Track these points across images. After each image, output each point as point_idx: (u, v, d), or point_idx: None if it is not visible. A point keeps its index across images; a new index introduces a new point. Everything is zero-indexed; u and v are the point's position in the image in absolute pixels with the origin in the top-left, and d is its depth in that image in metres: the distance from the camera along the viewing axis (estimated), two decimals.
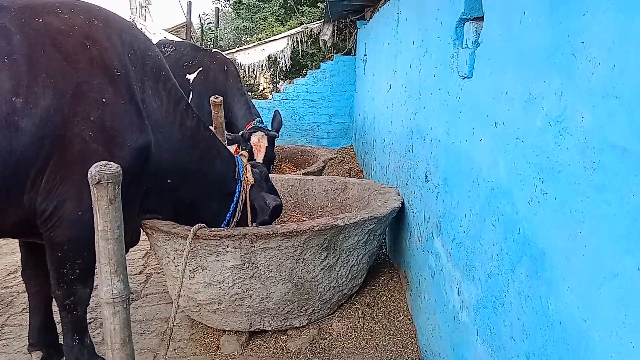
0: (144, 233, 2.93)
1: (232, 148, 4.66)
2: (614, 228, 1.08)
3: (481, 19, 2.16)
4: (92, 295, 2.58)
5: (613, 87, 1.11)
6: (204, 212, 2.96)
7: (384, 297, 3.50)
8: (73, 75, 2.22)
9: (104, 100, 2.28)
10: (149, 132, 2.47)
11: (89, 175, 1.75)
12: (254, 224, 3.08)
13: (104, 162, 1.79)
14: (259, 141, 5.00)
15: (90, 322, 3.31)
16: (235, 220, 3.02)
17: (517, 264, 1.61)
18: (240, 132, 5.15)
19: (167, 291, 3.62)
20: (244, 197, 3.04)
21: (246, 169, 3.05)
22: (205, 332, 3.21)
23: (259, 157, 4.94)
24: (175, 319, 2.42)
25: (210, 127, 3.10)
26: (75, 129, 2.20)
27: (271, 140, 5.10)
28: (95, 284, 2.48)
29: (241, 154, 3.18)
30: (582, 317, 1.19)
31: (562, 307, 1.30)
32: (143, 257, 4.50)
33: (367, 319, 3.25)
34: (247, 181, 3.01)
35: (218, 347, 3.06)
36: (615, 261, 1.07)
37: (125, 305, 1.92)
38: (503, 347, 1.69)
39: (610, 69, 1.12)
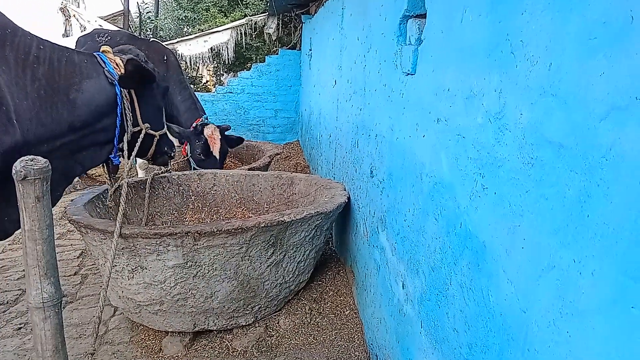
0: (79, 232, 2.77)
1: (177, 143, 4.52)
2: (551, 222, 1.12)
3: (424, 16, 2.18)
4: (21, 299, 2.41)
5: (550, 85, 1.14)
6: (99, 136, 2.79)
7: (331, 292, 3.51)
8: None
9: None
10: (15, 128, 2.26)
11: (13, 171, 1.62)
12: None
13: (31, 157, 1.66)
14: (212, 133, 4.90)
15: (20, 328, 3.11)
16: (128, 116, 2.84)
17: (459, 257, 1.64)
18: (193, 125, 5.04)
19: None
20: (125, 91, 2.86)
21: (116, 64, 2.84)
22: (146, 334, 3.09)
23: (215, 150, 4.87)
24: (100, 320, 2.30)
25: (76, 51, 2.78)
26: None
27: (223, 132, 5.04)
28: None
29: (103, 50, 2.91)
30: (522, 308, 1.23)
31: (502, 298, 1.33)
32: (78, 258, 4.28)
33: (314, 315, 3.25)
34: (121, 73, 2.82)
35: (160, 349, 2.96)
36: (553, 254, 1.10)
37: (56, 310, 1.80)
38: (446, 339, 1.73)
39: (547, 67, 1.16)
